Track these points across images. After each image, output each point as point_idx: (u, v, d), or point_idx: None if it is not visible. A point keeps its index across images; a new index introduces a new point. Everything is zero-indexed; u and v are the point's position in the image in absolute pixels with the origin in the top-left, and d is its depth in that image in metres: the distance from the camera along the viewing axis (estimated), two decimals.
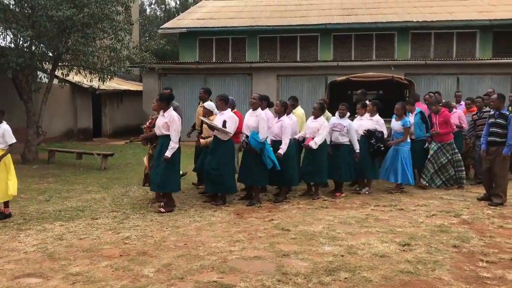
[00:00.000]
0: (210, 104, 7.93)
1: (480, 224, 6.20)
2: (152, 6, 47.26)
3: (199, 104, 8.77)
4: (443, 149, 8.70)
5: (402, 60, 18.24)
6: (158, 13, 46.66)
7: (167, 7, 46.21)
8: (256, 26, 20.62)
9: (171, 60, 23.64)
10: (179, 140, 7.03)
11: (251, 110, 7.64)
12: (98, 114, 20.68)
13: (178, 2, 45.21)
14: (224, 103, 7.51)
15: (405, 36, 20.16)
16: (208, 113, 7.82)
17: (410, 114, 9.00)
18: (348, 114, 8.28)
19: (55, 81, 13.76)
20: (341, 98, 11.05)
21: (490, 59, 17.68)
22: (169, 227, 6.15)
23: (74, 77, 15.49)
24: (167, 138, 6.93)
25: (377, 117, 8.48)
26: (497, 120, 7.32)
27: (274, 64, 17.81)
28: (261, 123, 7.39)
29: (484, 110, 8.93)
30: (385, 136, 8.51)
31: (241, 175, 7.66)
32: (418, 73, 16.61)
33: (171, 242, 5.44)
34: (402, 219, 6.46)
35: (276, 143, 7.64)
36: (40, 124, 12.89)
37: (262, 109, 7.68)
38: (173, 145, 6.86)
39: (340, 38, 20.62)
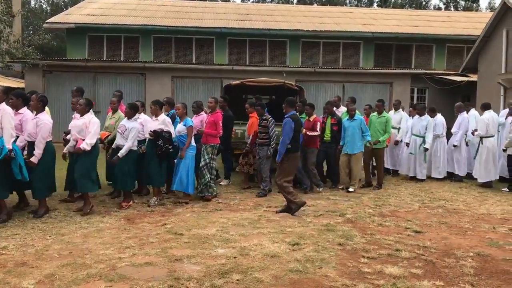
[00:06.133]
0: None
1: (362, 223, 6.64)
2: None
3: None
4: (204, 150, 8.22)
5: (293, 66, 18.96)
6: (44, 6, 43.74)
7: (55, 0, 43.48)
8: (150, 25, 20.17)
9: (58, 56, 22.22)
10: None
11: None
12: None
13: None
14: None
15: (296, 44, 21.11)
16: None
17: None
18: (138, 116, 7.69)
19: None
20: (236, 102, 11.21)
21: (372, 69, 19.09)
22: (53, 234, 5.77)
23: None
24: None
25: (162, 116, 7.90)
26: None
27: (168, 65, 17.50)
28: (5, 118, 6.24)
29: (263, 118, 8.60)
30: (173, 136, 7.80)
31: None
32: (308, 80, 17.37)
33: (54, 251, 5.09)
34: (292, 220, 6.69)
35: (31, 145, 6.65)
36: None
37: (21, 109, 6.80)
38: None
39: (235, 43, 20.96)
